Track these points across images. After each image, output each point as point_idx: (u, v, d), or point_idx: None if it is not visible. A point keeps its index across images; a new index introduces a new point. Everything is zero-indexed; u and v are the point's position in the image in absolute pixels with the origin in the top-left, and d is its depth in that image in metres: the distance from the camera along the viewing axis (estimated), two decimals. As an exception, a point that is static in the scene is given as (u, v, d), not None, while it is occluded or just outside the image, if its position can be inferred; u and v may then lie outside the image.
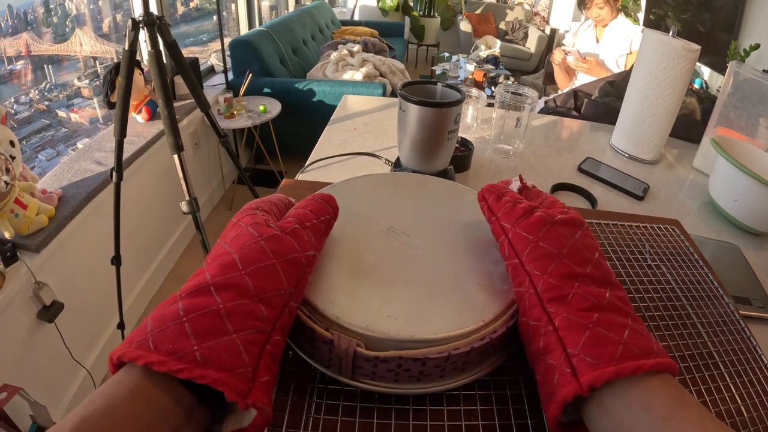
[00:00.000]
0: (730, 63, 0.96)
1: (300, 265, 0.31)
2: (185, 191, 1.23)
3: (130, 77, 1.16)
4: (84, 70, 2.69)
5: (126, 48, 1.12)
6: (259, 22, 3.22)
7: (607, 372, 0.25)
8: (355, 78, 2.73)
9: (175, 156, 1.18)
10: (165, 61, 1.31)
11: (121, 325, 1.55)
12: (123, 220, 1.38)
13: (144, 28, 1.12)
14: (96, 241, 1.52)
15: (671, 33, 0.90)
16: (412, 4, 5.11)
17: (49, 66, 2.53)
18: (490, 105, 1.16)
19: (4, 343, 1.18)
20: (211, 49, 3.14)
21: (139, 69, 1.88)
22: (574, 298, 0.30)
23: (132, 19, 1.09)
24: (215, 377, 0.23)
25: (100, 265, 1.51)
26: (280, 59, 2.82)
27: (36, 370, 1.30)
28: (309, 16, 3.54)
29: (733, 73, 0.94)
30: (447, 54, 3.87)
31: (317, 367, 0.33)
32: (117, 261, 1.42)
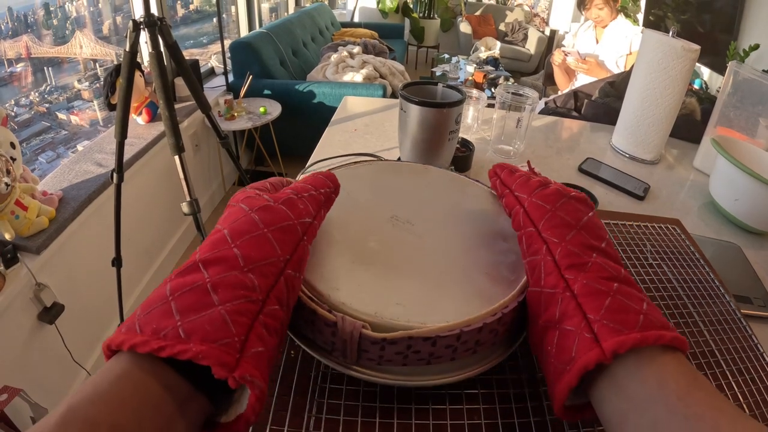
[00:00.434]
0: (729, 63, 0.96)
1: (294, 232, 0.29)
2: (186, 192, 1.23)
3: (131, 78, 1.16)
4: (84, 72, 2.69)
5: (127, 49, 1.12)
6: (259, 24, 3.22)
7: (631, 338, 0.24)
8: (355, 79, 2.74)
9: (176, 157, 1.19)
10: (165, 62, 1.31)
11: (121, 327, 1.55)
12: (123, 222, 1.38)
13: (145, 29, 1.12)
14: (96, 242, 1.52)
15: (671, 33, 0.90)
16: (411, 6, 5.12)
17: (49, 68, 2.53)
18: (491, 106, 1.16)
19: (4, 345, 1.18)
20: (211, 51, 3.14)
21: (139, 71, 1.88)
22: (593, 266, 0.29)
23: (133, 20, 1.09)
24: (197, 350, 0.21)
25: (100, 266, 1.51)
26: (281, 61, 2.83)
27: (36, 371, 1.30)
28: (309, 18, 3.54)
29: (732, 73, 0.94)
30: (447, 55, 3.88)
31: (319, 359, 0.32)
32: (117, 262, 1.42)
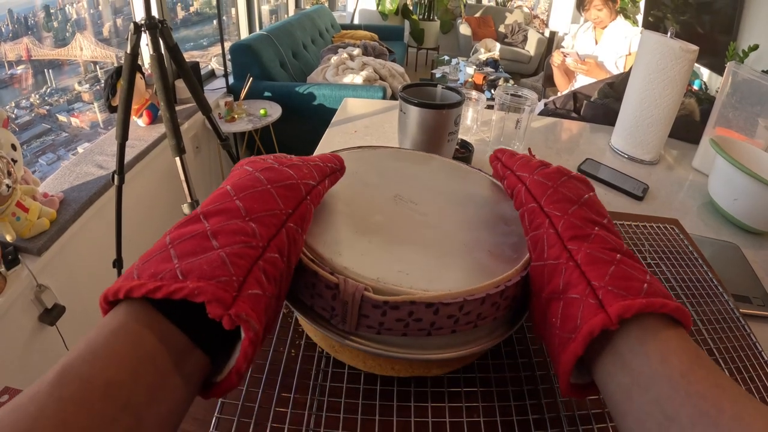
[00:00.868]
0: (728, 63, 0.96)
1: (297, 190, 0.29)
2: (187, 194, 1.23)
3: (132, 80, 1.16)
4: (84, 74, 2.70)
5: (128, 51, 1.13)
6: (260, 27, 3.23)
7: (637, 303, 0.24)
8: (355, 81, 2.74)
9: (177, 159, 1.19)
10: (166, 64, 1.31)
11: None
12: (125, 223, 1.39)
13: (146, 31, 1.12)
14: (97, 244, 1.52)
15: (669, 34, 0.91)
16: (411, 8, 5.13)
17: (50, 70, 2.54)
18: (490, 107, 1.16)
19: (5, 346, 1.18)
20: (212, 53, 3.15)
21: (140, 73, 1.89)
22: (596, 238, 0.29)
23: (134, 22, 1.10)
24: (193, 286, 0.20)
25: (101, 268, 1.51)
26: (281, 63, 2.83)
27: (37, 373, 1.29)
28: (309, 20, 3.55)
29: (731, 74, 0.95)
30: (447, 57, 3.88)
31: (317, 328, 0.31)
32: (119, 264, 1.42)
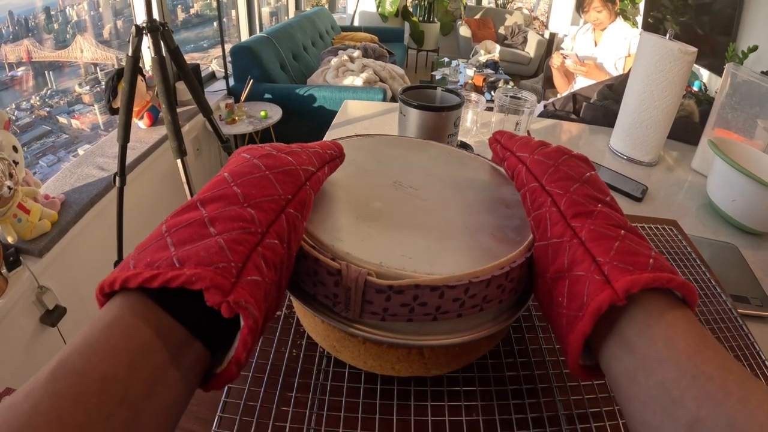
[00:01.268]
0: (727, 65, 0.97)
1: (297, 175, 0.29)
2: (188, 195, 1.24)
3: (134, 83, 1.17)
4: (85, 76, 2.70)
5: (129, 54, 1.13)
6: (260, 29, 3.24)
7: (644, 277, 0.23)
8: (355, 83, 2.75)
9: (178, 161, 1.19)
10: (167, 66, 1.32)
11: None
12: (126, 225, 1.39)
13: (147, 34, 1.13)
14: (99, 245, 1.52)
15: (668, 35, 0.91)
16: (411, 10, 5.13)
17: (50, 72, 2.54)
18: (490, 109, 1.17)
19: (6, 348, 1.18)
20: (212, 55, 3.15)
21: (141, 75, 1.90)
22: (599, 215, 0.28)
23: (136, 25, 1.10)
24: (190, 273, 0.20)
25: (102, 269, 1.52)
26: (281, 65, 2.84)
27: (38, 374, 1.30)
28: (309, 22, 3.56)
29: (730, 75, 0.95)
30: (447, 59, 3.89)
31: (320, 317, 0.30)
32: (119, 265, 1.42)
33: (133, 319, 0.20)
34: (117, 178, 1.29)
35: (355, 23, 4.91)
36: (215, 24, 2.91)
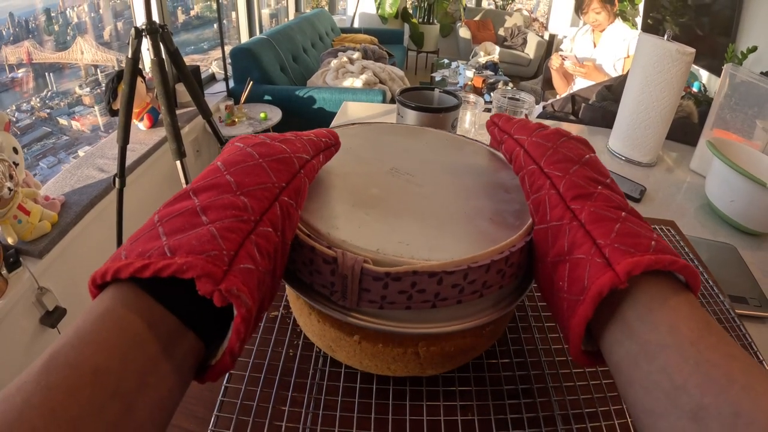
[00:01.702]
0: (725, 65, 0.97)
1: (291, 163, 0.28)
2: (187, 197, 1.24)
3: (134, 85, 1.17)
4: (85, 78, 2.71)
5: (129, 56, 1.14)
6: (260, 30, 3.25)
7: (645, 260, 0.23)
8: (355, 85, 2.75)
9: (178, 162, 1.20)
10: (167, 68, 1.32)
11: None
12: (125, 226, 1.39)
13: (147, 36, 1.13)
14: (98, 246, 1.52)
15: (666, 36, 0.91)
16: (411, 12, 5.14)
17: (51, 74, 2.55)
18: (488, 110, 1.17)
19: (6, 349, 1.18)
20: (212, 57, 3.16)
21: (141, 77, 1.90)
22: (599, 196, 0.27)
23: (135, 27, 1.11)
24: (181, 262, 0.20)
25: (102, 271, 1.52)
26: (281, 67, 2.84)
27: (38, 376, 1.30)
28: (309, 24, 3.56)
29: (728, 76, 0.95)
30: (446, 61, 3.90)
31: (318, 306, 0.30)
32: (119, 267, 1.42)
33: (125, 310, 0.19)
34: (117, 180, 1.29)
35: (355, 25, 4.91)
36: (215, 26, 2.92)
